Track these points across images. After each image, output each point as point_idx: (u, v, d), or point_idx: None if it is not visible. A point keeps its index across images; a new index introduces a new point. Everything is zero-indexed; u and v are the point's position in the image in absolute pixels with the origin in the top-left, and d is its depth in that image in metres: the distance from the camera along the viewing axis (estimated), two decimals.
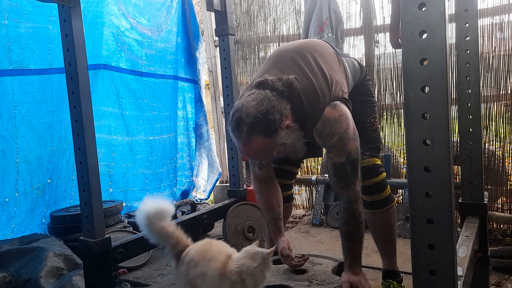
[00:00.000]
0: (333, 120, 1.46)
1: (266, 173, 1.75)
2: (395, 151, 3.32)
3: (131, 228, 2.85)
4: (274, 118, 1.36)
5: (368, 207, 1.79)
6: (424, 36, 0.73)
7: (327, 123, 1.46)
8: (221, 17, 2.48)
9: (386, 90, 3.25)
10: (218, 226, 3.34)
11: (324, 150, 2.15)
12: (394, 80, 3.21)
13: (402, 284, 1.87)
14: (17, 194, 2.64)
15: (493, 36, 2.83)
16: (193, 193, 4.09)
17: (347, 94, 1.58)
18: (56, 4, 1.56)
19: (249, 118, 1.34)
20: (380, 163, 1.79)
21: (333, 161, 1.50)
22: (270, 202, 1.76)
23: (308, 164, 3.78)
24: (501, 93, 2.84)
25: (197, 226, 2.65)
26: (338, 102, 1.50)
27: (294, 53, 1.59)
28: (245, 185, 2.66)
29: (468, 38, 1.70)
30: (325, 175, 3.44)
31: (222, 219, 2.48)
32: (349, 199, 1.50)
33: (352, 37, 3.39)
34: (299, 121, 1.47)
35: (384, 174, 1.78)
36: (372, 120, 1.80)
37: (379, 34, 3.24)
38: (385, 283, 1.84)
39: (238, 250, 2.16)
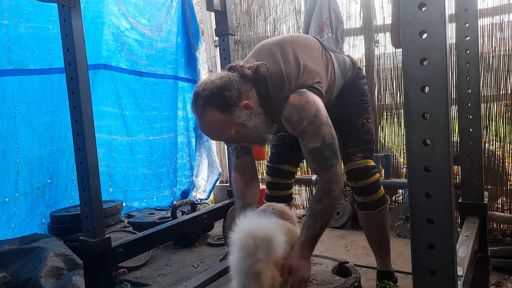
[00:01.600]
0: (300, 106, 1.45)
1: (243, 162, 1.75)
2: (395, 151, 3.31)
3: (131, 228, 2.85)
4: (230, 95, 1.41)
5: (362, 208, 1.78)
6: (424, 36, 0.73)
7: (294, 110, 1.45)
8: (221, 17, 2.47)
9: (386, 90, 3.25)
10: (218, 226, 3.34)
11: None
12: (394, 80, 3.21)
13: (397, 284, 1.87)
14: (17, 194, 2.64)
15: (493, 36, 2.83)
16: (193, 193, 4.09)
17: (319, 85, 1.54)
18: (56, 4, 1.56)
19: (205, 92, 1.41)
20: (373, 164, 1.75)
21: (308, 148, 1.44)
22: (241, 191, 1.73)
23: None
24: (501, 93, 2.84)
25: (197, 226, 2.65)
26: (305, 89, 1.49)
27: (274, 45, 1.62)
28: None
29: (468, 38, 1.70)
30: None
31: (222, 219, 2.48)
32: (328, 179, 1.43)
33: (352, 37, 3.39)
34: (266, 108, 1.50)
35: (378, 175, 1.75)
36: (365, 121, 1.76)
37: (379, 34, 3.24)
38: (381, 284, 1.84)
39: None
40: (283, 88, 1.49)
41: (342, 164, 1.64)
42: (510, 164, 2.90)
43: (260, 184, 3.50)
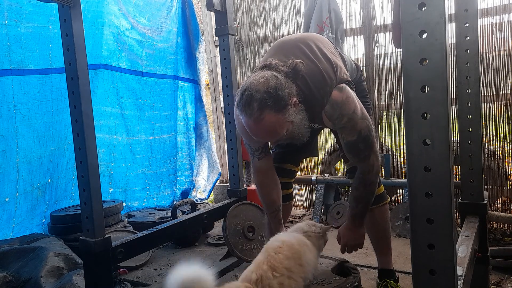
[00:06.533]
0: (341, 102, 1.50)
1: (266, 164, 1.77)
2: (395, 151, 3.31)
3: (131, 227, 2.85)
4: (283, 94, 1.38)
5: None
6: (424, 36, 0.73)
7: (336, 106, 1.50)
8: (221, 17, 2.48)
9: (386, 90, 3.25)
10: (218, 226, 3.34)
11: (319, 148, 2.14)
12: (394, 80, 3.21)
13: (399, 284, 1.87)
14: (17, 194, 2.64)
15: (493, 36, 2.83)
16: (193, 193, 4.09)
17: (349, 78, 1.62)
18: (56, 4, 1.56)
19: (260, 94, 1.35)
20: None
21: (346, 141, 1.55)
22: (270, 195, 1.78)
23: (308, 164, 3.78)
24: (501, 93, 2.84)
25: (197, 226, 2.65)
26: (343, 84, 1.54)
27: (297, 42, 1.62)
28: (245, 185, 2.66)
29: (468, 38, 1.70)
30: (325, 174, 3.44)
31: (222, 219, 2.47)
32: (362, 170, 1.58)
33: (352, 37, 3.39)
34: (305, 104, 1.50)
35: None
36: None
37: (379, 34, 3.24)
38: (382, 283, 1.84)
39: (238, 250, 2.16)
40: (325, 85, 1.51)
41: (344, 163, 1.70)
42: (510, 164, 2.90)
43: None
